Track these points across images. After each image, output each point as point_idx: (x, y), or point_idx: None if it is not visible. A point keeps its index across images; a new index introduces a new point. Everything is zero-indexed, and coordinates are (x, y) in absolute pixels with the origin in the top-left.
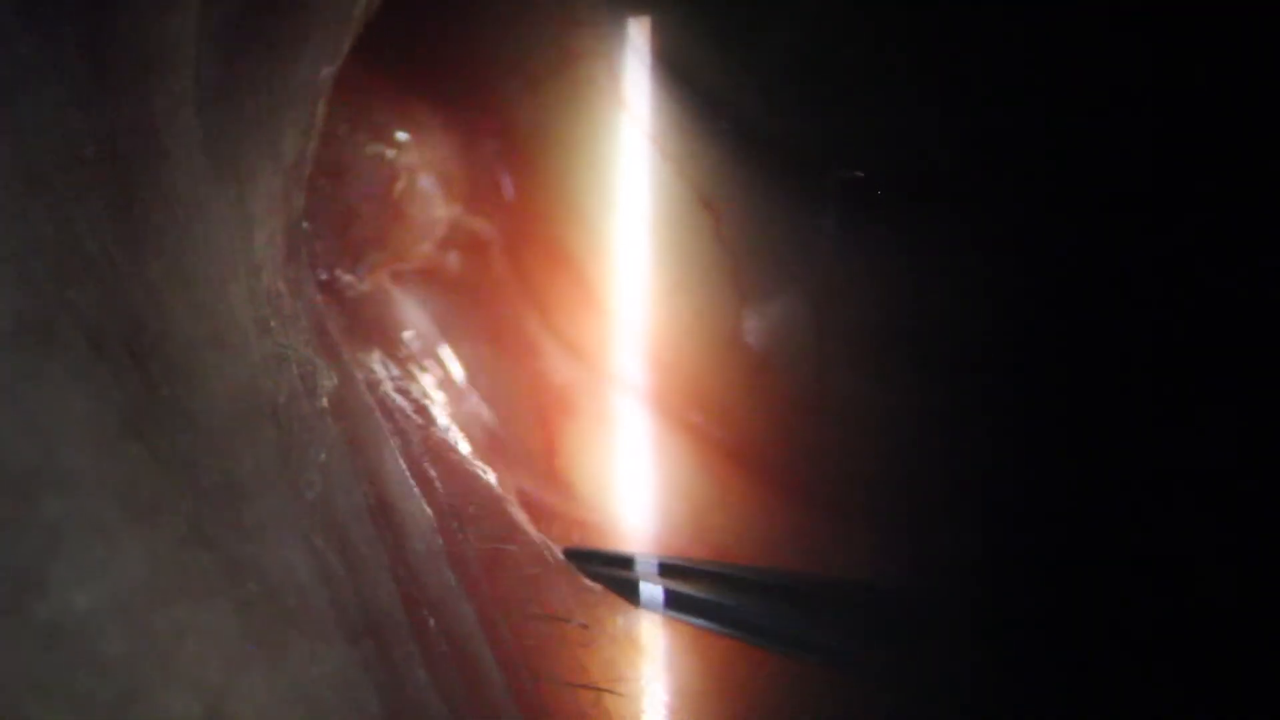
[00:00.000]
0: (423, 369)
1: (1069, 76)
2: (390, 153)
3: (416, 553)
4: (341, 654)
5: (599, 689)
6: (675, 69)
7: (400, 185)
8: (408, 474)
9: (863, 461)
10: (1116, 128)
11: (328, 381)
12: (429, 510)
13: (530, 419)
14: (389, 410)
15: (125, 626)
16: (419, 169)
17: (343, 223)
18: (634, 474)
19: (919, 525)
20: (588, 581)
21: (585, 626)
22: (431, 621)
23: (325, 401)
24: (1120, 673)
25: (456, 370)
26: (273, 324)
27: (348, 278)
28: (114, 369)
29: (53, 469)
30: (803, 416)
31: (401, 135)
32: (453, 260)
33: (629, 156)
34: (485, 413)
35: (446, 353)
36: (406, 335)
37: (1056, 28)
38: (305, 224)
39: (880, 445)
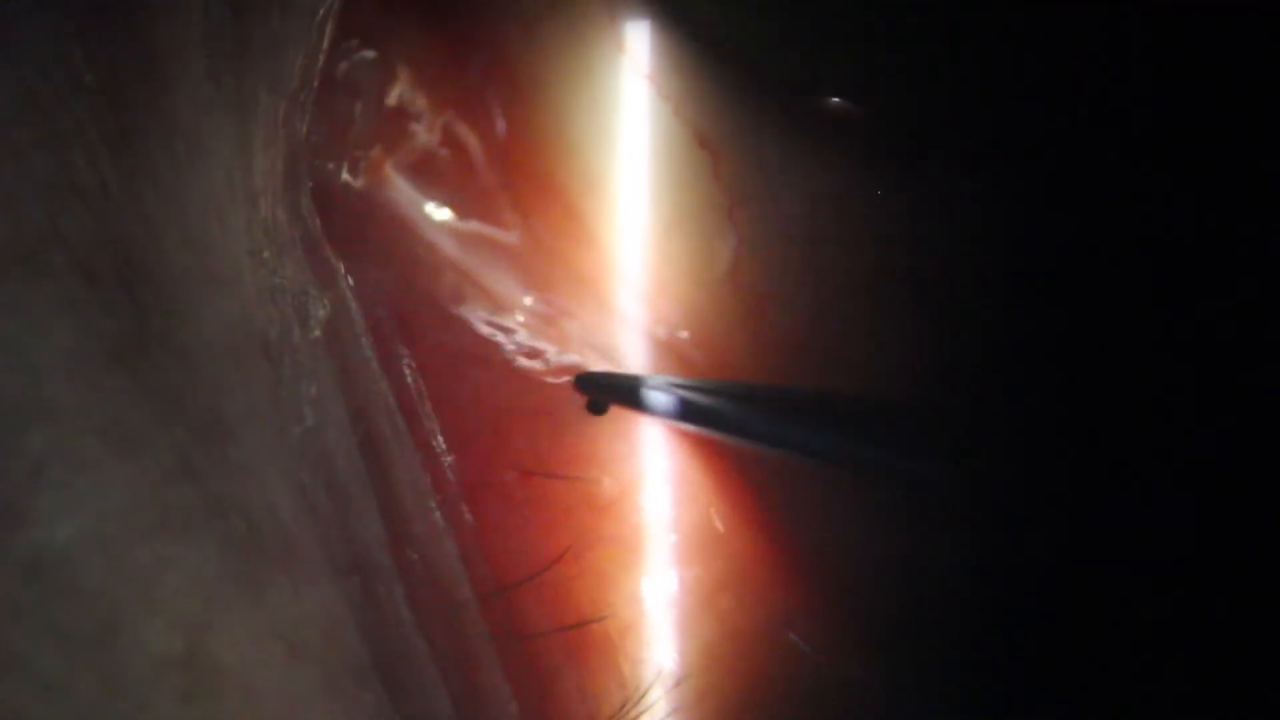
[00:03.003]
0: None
1: (1085, 23)
2: (381, 61)
3: (404, 490)
4: (325, 592)
5: (584, 623)
6: (673, 8)
7: (394, 92)
8: (397, 410)
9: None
10: (1129, 90)
11: (321, 311)
12: (415, 448)
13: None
14: (381, 334)
15: (107, 559)
16: (410, 80)
17: (339, 124)
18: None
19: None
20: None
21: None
22: (416, 559)
23: (318, 333)
24: (1120, 673)
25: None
26: (266, 255)
27: (344, 176)
28: (104, 300)
29: (37, 400)
30: (797, 359)
31: (392, 47)
32: (445, 157)
33: (625, 96)
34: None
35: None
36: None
37: None
38: (304, 153)
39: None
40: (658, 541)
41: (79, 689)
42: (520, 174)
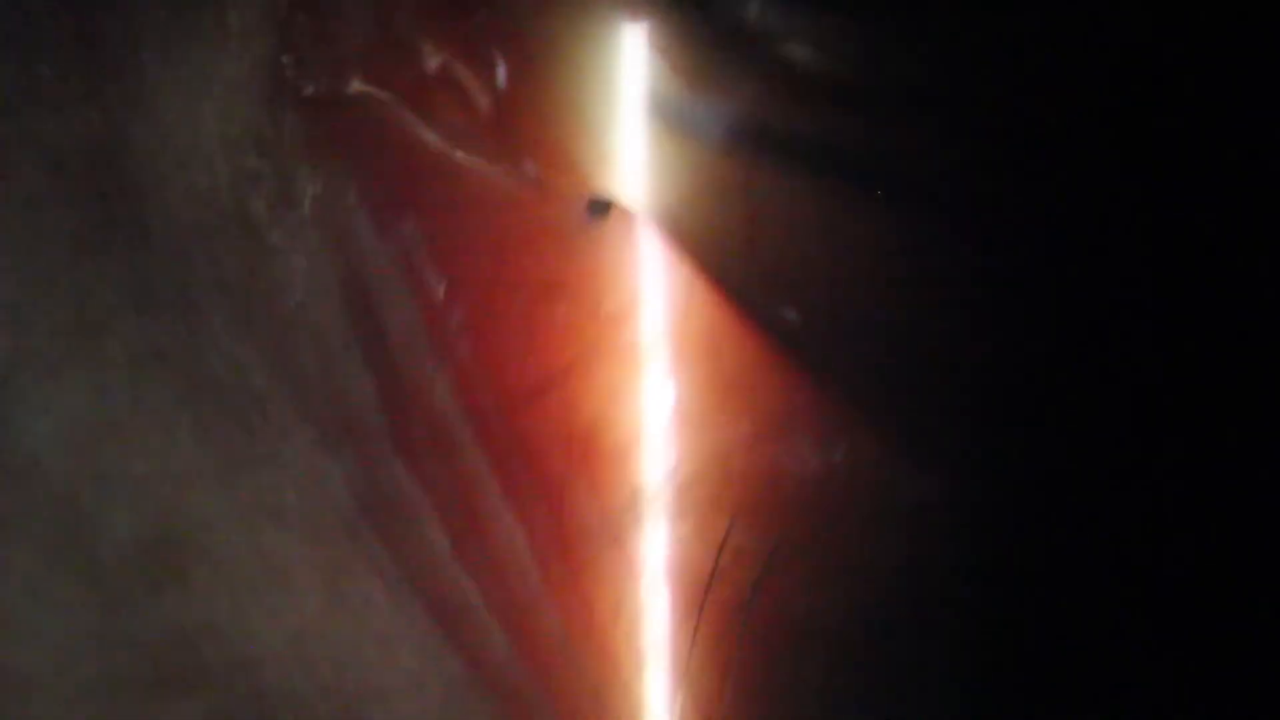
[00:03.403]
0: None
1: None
2: None
3: (398, 340)
4: (306, 454)
5: (590, 433)
6: None
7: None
8: (393, 269)
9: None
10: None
11: (311, 188)
12: (413, 298)
13: None
14: (376, 201)
15: (74, 457)
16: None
17: (327, 40)
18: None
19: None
20: None
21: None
22: (410, 409)
23: (308, 208)
24: (1119, 672)
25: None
26: (245, 140)
27: (332, 91)
28: (67, 194)
29: None
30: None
31: None
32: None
33: (637, 70)
34: None
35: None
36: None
37: None
38: (288, 55)
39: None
40: (663, 350)
41: (57, 589)
42: (525, 136)
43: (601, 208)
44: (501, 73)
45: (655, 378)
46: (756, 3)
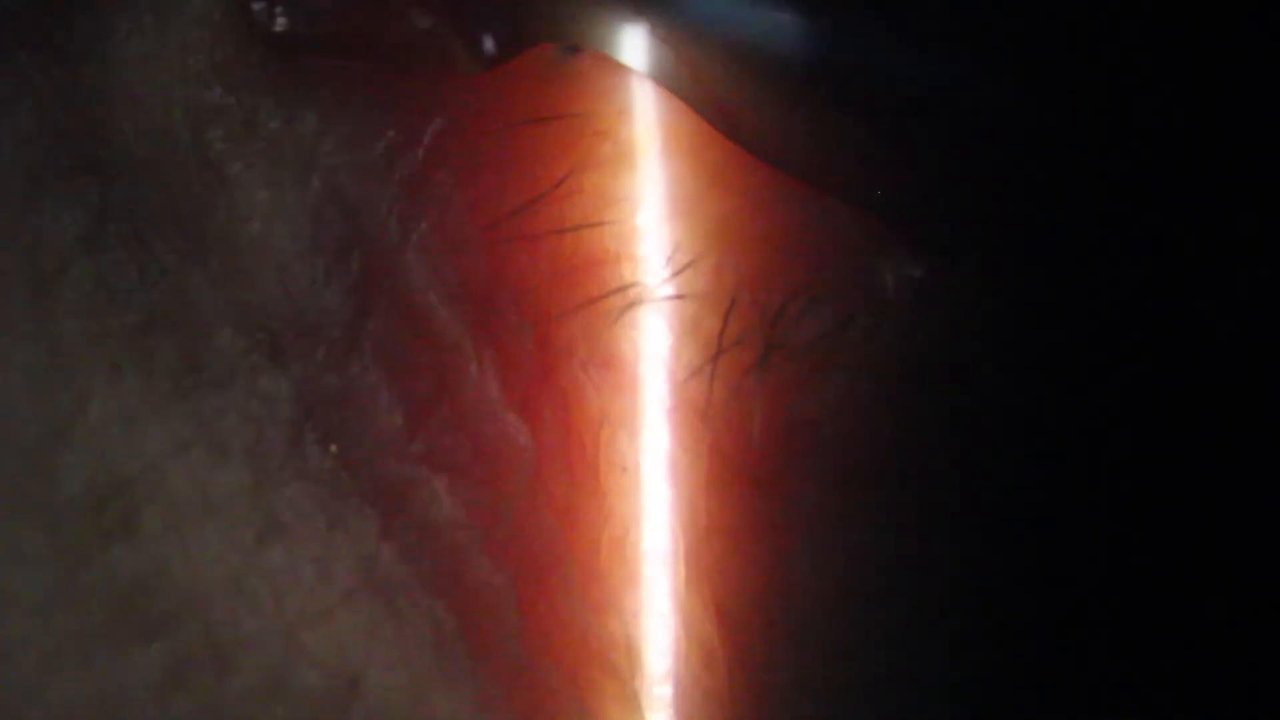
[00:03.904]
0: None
1: None
2: None
3: (365, 241)
4: (250, 376)
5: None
6: None
7: None
8: (368, 171)
9: None
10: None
11: (273, 122)
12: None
13: None
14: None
15: (34, 411)
16: None
17: None
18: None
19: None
20: None
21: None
22: (377, 300)
23: (271, 140)
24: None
25: None
26: (211, 73)
27: (305, 31)
28: (19, 140)
29: None
30: None
31: None
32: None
33: (639, 59)
34: None
35: None
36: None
37: None
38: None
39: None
40: (651, 152)
41: (26, 549)
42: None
43: (570, 49)
44: (493, 45)
45: (644, 177)
46: None
